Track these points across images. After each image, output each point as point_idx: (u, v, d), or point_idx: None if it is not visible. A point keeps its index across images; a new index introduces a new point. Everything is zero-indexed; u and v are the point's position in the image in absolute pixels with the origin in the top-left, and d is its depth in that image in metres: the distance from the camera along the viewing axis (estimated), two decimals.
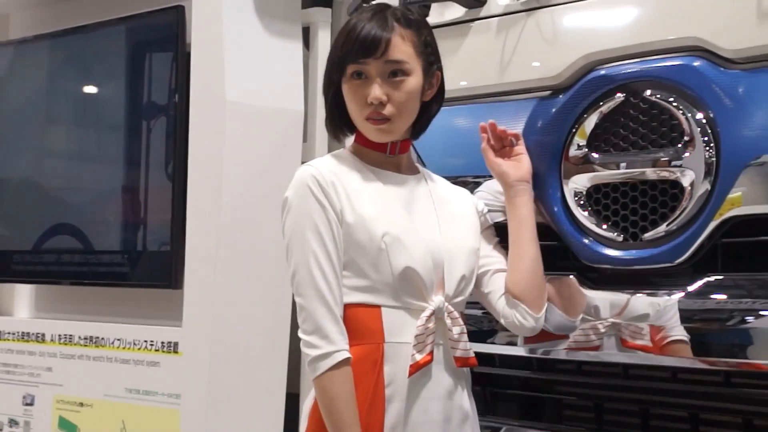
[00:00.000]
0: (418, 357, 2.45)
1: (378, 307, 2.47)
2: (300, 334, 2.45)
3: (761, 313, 2.35)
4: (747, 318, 2.38)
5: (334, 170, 2.53)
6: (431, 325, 2.48)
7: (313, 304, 2.43)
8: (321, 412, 2.43)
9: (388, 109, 2.49)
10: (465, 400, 2.56)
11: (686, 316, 2.47)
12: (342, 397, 2.39)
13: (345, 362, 2.41)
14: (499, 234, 2.72)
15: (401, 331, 2.46)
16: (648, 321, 2.53)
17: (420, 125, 2.63)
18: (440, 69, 2.61)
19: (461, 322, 2.54)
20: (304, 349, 2.44)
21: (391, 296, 2.48)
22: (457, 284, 2.55)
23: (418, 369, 2.45)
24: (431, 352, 2.48)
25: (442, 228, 2.59)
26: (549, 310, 2.67)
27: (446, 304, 2.52)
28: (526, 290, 2.60)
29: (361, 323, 2.46)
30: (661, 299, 2.52)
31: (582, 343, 2.65)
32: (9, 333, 4.06)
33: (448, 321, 2.51)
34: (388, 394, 2.44)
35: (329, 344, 2.41)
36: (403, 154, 2.64)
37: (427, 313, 2.48)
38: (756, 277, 2.41)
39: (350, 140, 2.67)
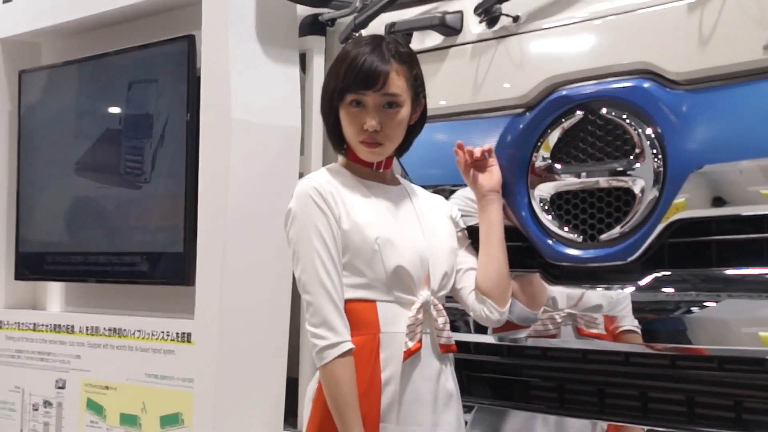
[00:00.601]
0: (410, 344, 2.48)
1: (374, 301, 2.49)
2: (308, 327, 2.46)
3: (703, 304, 2.37)
4: (691, 308, 2.40)
5: (330, 182, 2.54)
6: (420, 315, 2.51)
7: (320, 300, 2.44)
8: (326, 395, 2.44)
9: (381, 136, 2.51)
10: (449, 382, 2.58)
11: (637, 308, 2.48)
12: (346, 383, 2.41)
13: (349, 352, 2.42)
14: (471, 236, 2.73)
15: (394, 322, 2.49)
16: (603, 312, 2.54)
17: (404, 145, 2.64)
18: (425, 98, 2.63)
19: (445, 314, 2.57)
20: (312, 340, 2.44)
21: (384, 291, 2.49)
22: (440, 280, 2.58)
23: (411, 354, 2.47)
24: (420, 340, 2.50)
25: (425, 231, 2.60)
26: (513, 304, 2.69)
27: (432, 297, 2.54)
28: (494, 287, 2.63)
29: (358, 316, 2.47)
30: (615, 293, 2.53)
31: (545, 331, 2.67)
32: (43, 325, 4.05)
33: (434, 312, 2.54)
34: (385, 378, 2.46)
35: (336, 335, 2.42)
36: (388, 169, 2.66)
37: (417, 305, 2.51)
38: (698, 273, 2.43)
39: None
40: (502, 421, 2.79)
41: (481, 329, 2.77)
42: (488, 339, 2.80)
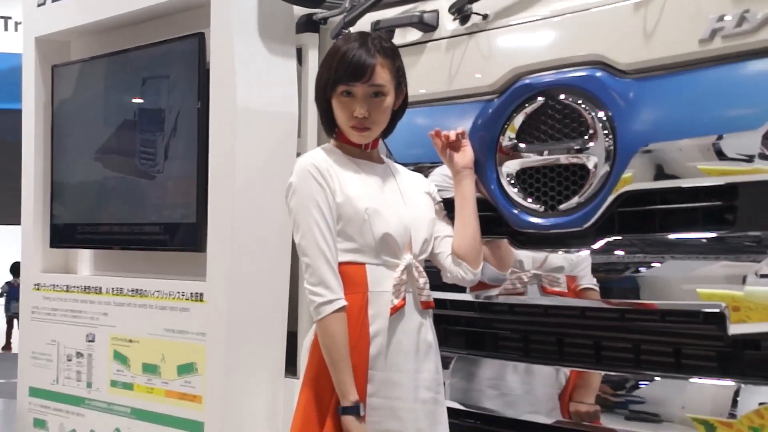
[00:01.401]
0: (396, 301, 2.49)
1: (363, 264, 2.49)
2: (306, 286, 2.46)
3: (649, 264, 2.38)
4: (639, 268, 2.40)
5: (326, 160, 2.54)
6: (404, 276, 2.51)
7: (317, 262, 2.44)
8: (321, 346, 2.45)
9: (369, 122, 2.51)
10: (429, 334, 2.58)
11: (593, 268, 2.48)
12: (339, 335, 2.42)
13: (343, 308, 2.43)
14: (447, 208, 2.72)
15: (381, 282, 2.49)
16: (564, 272, 2.54)
17: (388, 128, 2.64)
18: (406, 86, 2.62)
19: (425, 275, 2.57)
20: (310, 297, 2.45)
21: (372, 256, 2.49)
22: (421, 245, 2.58)
23: (396, 310, 2.48)
24: (404, 298, 2.51)
25: (407, 203, 2.60)
26: (485, 266, 2.69)
27: (414, 260, 2.54)
28: (468, 252, 2.63)
29: (349, 277, 2.47)
30: (573, 255, 2.53)
31: (513, 290, 2.67)
32: (74, 287, 4.05)
33: (416, 273, 2.54)
34: (373, 331, 2.47)
35: (331, 293, 2.43)
36: (375, 149, 2.66)
37: (401, 267, 2.51)
38: (644, 238, 2.43)
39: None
40: (477, 369, 2.78)
41: (457, 288, 2.74)
42: (463, 297, 2.80)
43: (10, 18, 18.35)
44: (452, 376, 2.81)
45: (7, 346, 13.04)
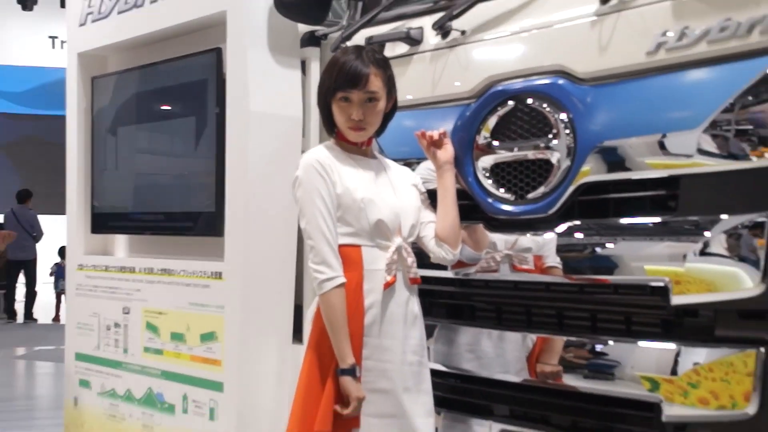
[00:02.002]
0: (388, 278, 2.50)
1: (359, 246, 2.49)
2: (310, 264, 2.47)
3: (604, 245, 2.38)
4: (595, 249, 2.40)
5: (328, 156, 2.54)
6: (395, 257, 2.52)
7: (320, 244, 2.45)
8: (323, 317, 2.46)
9: (364, 123, 2.52)
10: (415, 306, 2.59)
11: (556, 249, 2.48)
12: (339, 307, 2.43)
13: (342, 285, 2.44)
14: (430, 197, 2.72)
15: (375, 261, 2.50)
16: (532, 252, 2.54)
17: (381, 128, 2.64)
18: (395, 92, 2.62)
19: (413, 255, 2.58)
20: (314, 274, 2.45)
21: (367, 239, 2.50)
22: (409, 230, 2.58)
23: (389, 286, 2.50)
24: (395, 275, 2.52)
25: (397, 193, 2.60)
26: (463, 247, 2.69)
27: (403, 243, 2.54)
28: (448, 235, 2.62)
29: (347, 257, 2.48)
30: (540, 238, 2.53)
31: (488, 267, 2.67)
32: (112, 267, 4.04)
33: (405, 254, 2.54)
34: (367, 304, 2.48)
35: (332, 271, 2.44)
36: (369, 146, 2.65)
37: (392, 249, 2.52)
38: (600, 222, 2.43)
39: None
40: (456, 336, 2.78)
41: (439, 267, 2.74)
42: (445, 274, 2.79)
43: (56, 37, 18.36)
44: (435, 342, 2.80)
45: (56, 318, 13.03)
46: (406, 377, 2.53)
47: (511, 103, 2.64)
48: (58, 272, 12.89)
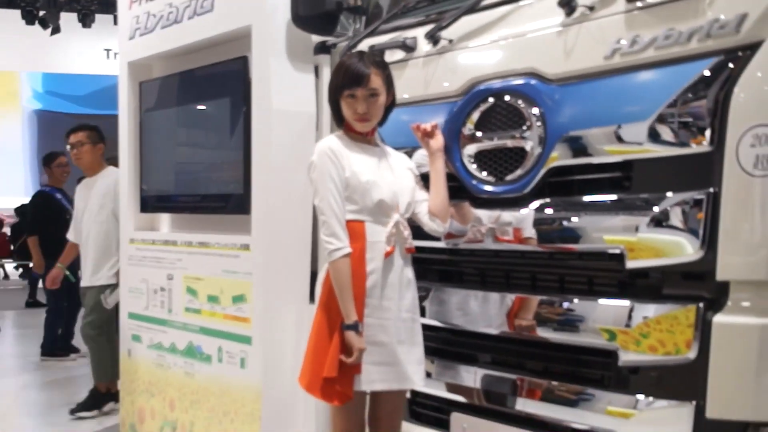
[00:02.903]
0: (388, 248, 2.50)
1: (363, 222, 2.49)
2: (322, 236, 2.47)
3: (570, 219, 2.37)
4: (563, 222, 2.39)
5: (338, 144, 2.53)
6: (394, 230, 2.52)
7: (331, 219, 2.45)
8: (332, 281, 2.47)
9: (368, 115, 2.52)
10: (409, 272, 2.60)
11: (532, 222, 2.47)
12: (345, 273, 2.43)
13: (348, 254, 2.44)
14: (423, 180, 2.71)
15: (376, 234, 2.49)
16: (510, 226, 2.53)
17: (382, 120, 2.63)
18: (394, 89, 2.62)
19: (409, 228, 2.58)
20: (325, 245, 2.46)
21: (370, 215, 2.50)
22: (406, 207, 2.58)
23: (389, 255, 2.50)
24: (394, 246, 2.52)
25: (396, 176, 2.59)
26: (452, 222, 2.68)
27: (401, 218, 2.54)
28: (439, 211, 2.62)
29: (353, 231, 2.48)
30: (517, 213, 2.52)
31: (474, 238, 2.66)
32: (158, 240, 4.05)
33: (402, 228, 2.55)
34: (369, 270, 2.48)
35: (340, 242, 2.44)
36: (372, 136, 2.64)
37: (391, 223, 2.51)
38: (567, 200, 2.42)
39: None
40: (447, 297, 2.77)
41: (432, 238, 2.73)
42: (437, 244, 2.78)
43: (110, 50, 18.40)
44: (430, 302, 2.80)
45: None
46: (401, 332, 2.54)
47: (491, 100, 2.62)
48: None
